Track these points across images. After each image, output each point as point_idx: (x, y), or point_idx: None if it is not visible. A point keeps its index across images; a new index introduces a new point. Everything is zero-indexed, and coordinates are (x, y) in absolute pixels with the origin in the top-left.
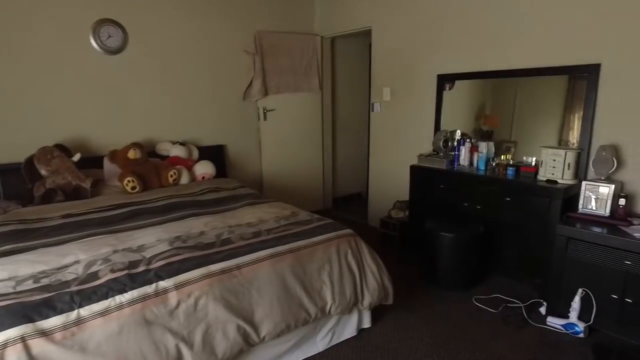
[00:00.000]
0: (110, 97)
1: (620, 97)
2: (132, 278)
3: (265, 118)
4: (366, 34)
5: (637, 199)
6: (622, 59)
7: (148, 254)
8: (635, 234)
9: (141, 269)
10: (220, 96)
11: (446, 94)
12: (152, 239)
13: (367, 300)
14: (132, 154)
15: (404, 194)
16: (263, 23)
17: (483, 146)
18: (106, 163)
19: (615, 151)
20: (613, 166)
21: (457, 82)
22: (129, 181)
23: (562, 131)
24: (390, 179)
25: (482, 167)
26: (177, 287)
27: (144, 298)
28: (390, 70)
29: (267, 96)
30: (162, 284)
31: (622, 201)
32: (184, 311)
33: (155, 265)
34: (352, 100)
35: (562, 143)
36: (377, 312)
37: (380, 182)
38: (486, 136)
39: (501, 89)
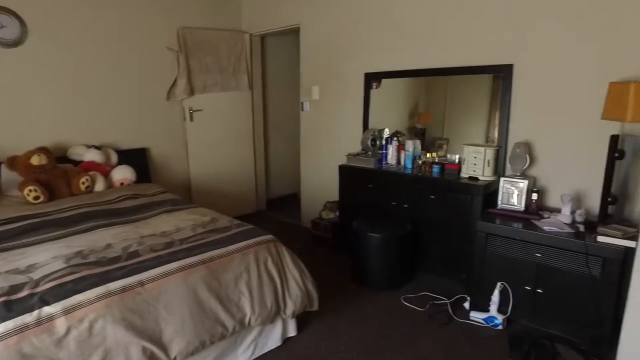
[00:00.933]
0: (9, 96)
1: (530, 96)
2: (7, 306)
3: (191, 119)
4: (296, 31)
5: (548, 193)
6: (531, 60)
7: (37, 274)
8: (545, 227)
9: (24, 293)
10: (141, 96)
11: (374, 93)
12: (47, 257)
13: (290, 308)
14: (36, 160)
15: (335, 195)
16: (187, 19)
17: (410, 144)
18: (4, 171)
19: (528, 148)
20: (526, 162)
21: (389, 81)
22: (30, 190)
23: (488, 129)
24: (321, 179)
25: (409, 165)
26: (67, 311)
27: (21, 329)
28: (319, 68)
29: (193, 96)
30: (47, 309)
31: (534, 196)
32: (76, 338)
33: (43, 287)
34: (285, 99)
35: (488, 140)
36: (304, 318)
37: (312, 182)
38: (420, 133)
39: (433, 87)
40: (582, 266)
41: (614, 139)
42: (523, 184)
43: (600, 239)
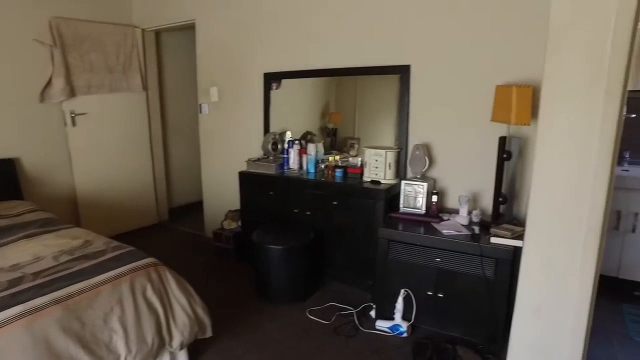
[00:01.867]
0: None
1: (427, 97)
2: None
3: (74, 123)
4: (194, 28)
5: (448, 194)
6: (428, 61)
7: None
8: (444, 231)
9: None
10: (6, 97)
11: (276, 94)
12: None
13: (177, 340)
14: None
15: (238, 203)
16: (61, 8)
17: (312, 148)
18: None
19: (427, 150)
20: (426, 164)
21: (294, 81)
22: None
23: (397, 130)
24: (223, 186)
25: (311, 169)
26: None
27: None
28: (217, 68)
29: (74, 97)
30: None
31: (434, 198)
32: None
33: None
34: (186, 101)
35: (397, 141)
36: (196, 347)
37: (214, 190)
38: (332, 133)
39: (343, 87)
40: (478, 268)
41: (502, 141)
42: (423, 186)
43: (493, 240)
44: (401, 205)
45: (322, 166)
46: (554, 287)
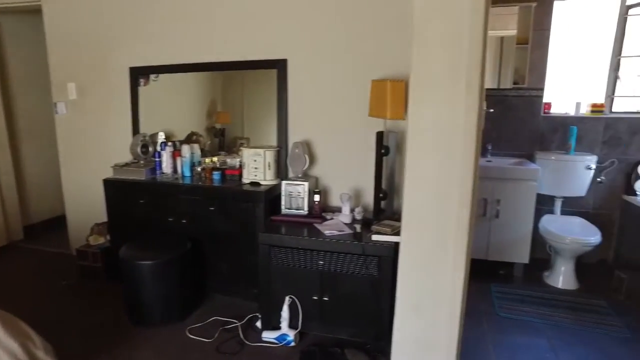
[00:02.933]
0: None
1: (306, 92)
2: None
3: None
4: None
5: (331, 192)
6: (305, 55)
7: None
8: (326, 232)
9: None
10: None
11: (148, 91)
12: None
13: None
14: None
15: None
16: None
17: (186, 150)
18: None
19: (307, 147)
20: (306, 163)
21: (170, 76)
22: None
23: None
24: (88, 196)
25: (187, 173)
26: None
27: None
28: (74, 61)
29: None
30: None
31: (316, 197)
32: None
33: None
34: (39, 99)
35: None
36: None
37: (78, 201)
38: (220, 133)
39: (230, 83)
40: (363, 267)
41: (379, 136)
42: (304, 186)
43: (374, 237)
44: (283, 207)
45: (199, 169)
46: (429, 283)
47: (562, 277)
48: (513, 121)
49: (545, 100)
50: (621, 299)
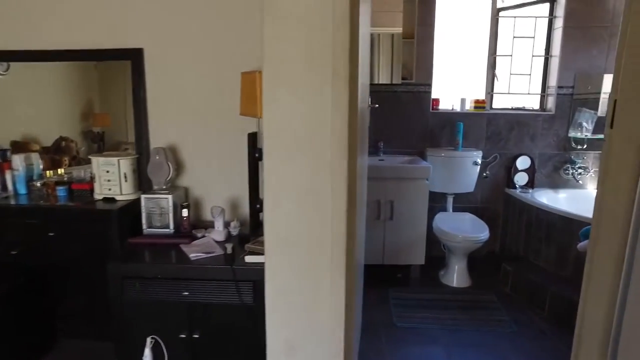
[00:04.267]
0: None
1: (167, 88)
2: None
3: None
4: None
5: (204, 205)
6: (164, 43)
7: None
8: (191, 255)
9: None
10: None
11: None
12: None
13: None
14: None
15: None
16: None
17: (18, 161)
18: None
19: (172, 153)
20: (169, 172)
21: (31, 72)
22: None
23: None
24: None
25: (22, 190)
26: None
27: None
28: None
29: None
30: None
31: (185, 212)
32: None
33: None
34: None
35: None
36: None
37: None
38: (98, 138)
39: (109, 79)
40: (236, 295)
41: (251, 138)
42: (167, 199)
43: (247, 259)
44: (144, 226)
45: (38, 184)
46: (303, 316)
47: (456, 275)
48: (404, 117)
49: (433, 96)
50: (508, 292)
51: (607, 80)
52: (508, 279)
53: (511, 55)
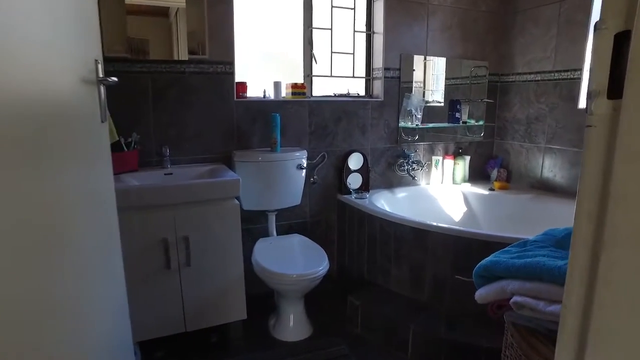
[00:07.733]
0: None
1: None
2: None
3: None
4: None
5: None
6: None
7: None
8: None
9: None
10: None
11: None
12: None
13: None
14: None
15: None
16: None
17: None
18: None
19: None
20: None
21: None
22: None
23: None
24: None
25: None
26: None
27: None
28: None
29: None
30: None
31: None
32: None
33: None
34: None
35: None
36: None
37: None
38: None
39: None
40: None
41: None
42: None
43: None
44: None
45: None
46: None
47: (292, 325)
48: (198, 109)
49: (237, 79)
50: (359, 333)
51: (423, 63)
52: (357, 316)
53: (331, 29)
